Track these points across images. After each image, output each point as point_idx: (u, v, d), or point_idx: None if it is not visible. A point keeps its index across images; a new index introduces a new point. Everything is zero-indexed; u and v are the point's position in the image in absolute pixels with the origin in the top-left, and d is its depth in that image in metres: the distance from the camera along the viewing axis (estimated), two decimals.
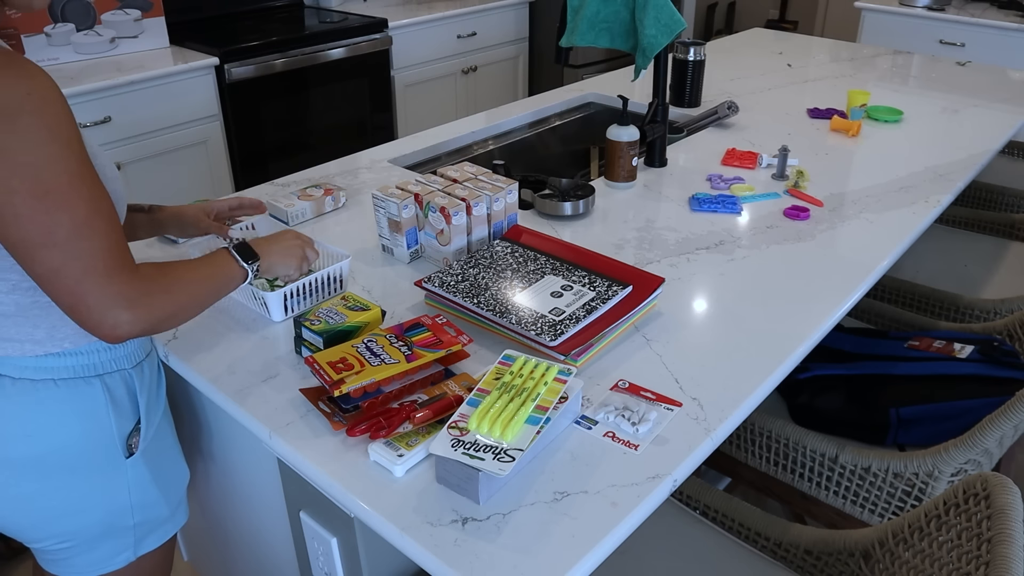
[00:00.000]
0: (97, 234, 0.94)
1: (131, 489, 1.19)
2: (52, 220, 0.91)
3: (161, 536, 1.27)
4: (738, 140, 2.07)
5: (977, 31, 3.54)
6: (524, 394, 1.02)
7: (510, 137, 2.27)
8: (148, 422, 1.19)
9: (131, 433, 1.17)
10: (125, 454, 1.16)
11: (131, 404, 1.16)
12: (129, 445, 1.17)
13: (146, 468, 1.20)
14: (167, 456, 1.26)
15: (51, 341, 1.07)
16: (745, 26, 4.52)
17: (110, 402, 1.13)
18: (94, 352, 1.11)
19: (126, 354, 1.15)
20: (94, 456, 1.14)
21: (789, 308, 1.35)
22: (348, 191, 1.78)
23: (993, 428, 1.30)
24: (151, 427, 1.20)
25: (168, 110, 2.77)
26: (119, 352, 1.14)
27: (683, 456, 1.03)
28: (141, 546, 1.25)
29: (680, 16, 1.77)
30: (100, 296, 0.94)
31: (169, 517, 1.28)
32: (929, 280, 2.08)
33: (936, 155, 1.97)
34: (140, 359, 1.18)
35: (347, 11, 3.54)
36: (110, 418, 1.13)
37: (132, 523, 1.21)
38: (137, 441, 1.18)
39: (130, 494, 1.19)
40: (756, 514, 1.37)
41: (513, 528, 0.93)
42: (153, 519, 1.24)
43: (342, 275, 1.37)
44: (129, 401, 1.16)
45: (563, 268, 1.35)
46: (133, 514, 1.21)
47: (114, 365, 1.13)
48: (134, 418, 1.17)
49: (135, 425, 1.17)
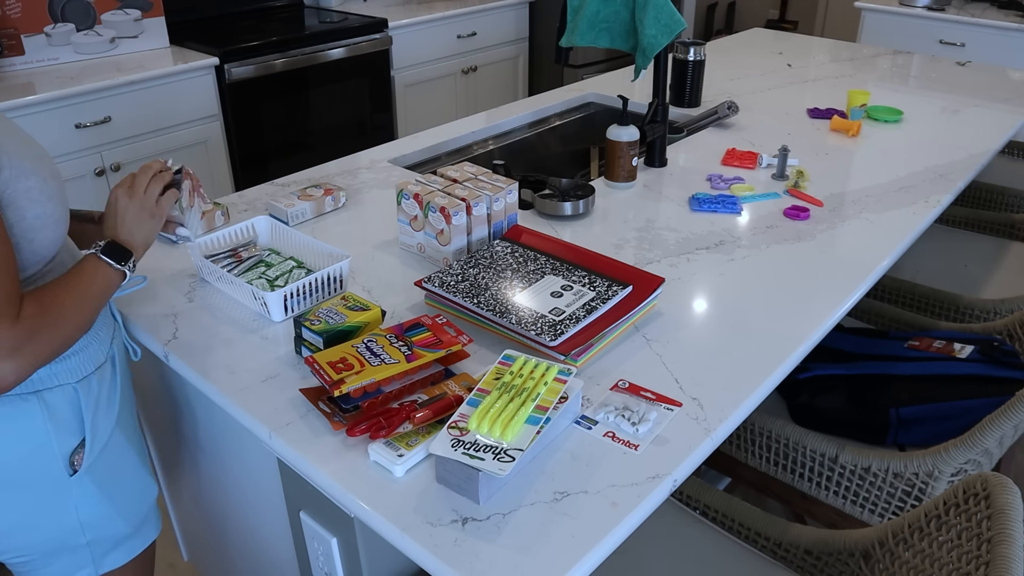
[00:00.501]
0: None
1: (79, 507, 1.16)
2: None
3: (126, 553, 1.25)
4: (738, 140, 2.07)
5: (977, 31, 3.54)
6: (524, 394, 1.02)
7: (510, 137, 2.27)
8: (94, 439, 1.15)
9: (76, 450, 1.13)
10: (69, 472, 1.13)
11: (75, 420, 1.13)
12: (72, 462, 1.13)
13: (94, 486, 1.17)
14: (123, 472, 1.22)
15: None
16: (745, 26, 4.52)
17: (48, 419, 1.09)
18: None
19: (68, 369, 1.11)
20: (35, 474, 1.11)
21: (789, 308, 1.35)
22: (348, 191, 1.78)
23: (993, 428, 1.30)
24: (98, 443, 1.16)
25: (168, 110, 2.77)
26: (59, 367, 1.10)
27: (683, 456, 1.03)
28: (103, 563, 1.22)
29: (680, 16, 1.77)
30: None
31: (132, 534, 1.25)
32: (929, 280, 2.08)
33: (936, 155, 1.97)
34: (87, 372, 1.14)
35: (347, 11, 3.54)
36: (49, 436, 1.10)
37: (85, 541, 1.19)
38: (81, 458, 1.14)
39: (78, 512, 1.16)
40: (756, 514, 1.37)
41: (513, 528, 0.93)
42: (110, 537, 1.22)
43: (342, 275, 1.37)
44: (73, 417, 1.12)
45: (563, 268, 1.35)
46: (84, 532, 1.18)
47: (54, 380, 1.10)
48: (79, 435, 1.13)
49: (80, 442, 1.14)
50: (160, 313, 1.34)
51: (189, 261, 1.49)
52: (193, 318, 1.33)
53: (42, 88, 2.51)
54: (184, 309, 1.35)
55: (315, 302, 1.35)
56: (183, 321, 1.32)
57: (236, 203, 1.73)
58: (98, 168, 2.65)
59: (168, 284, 1.42)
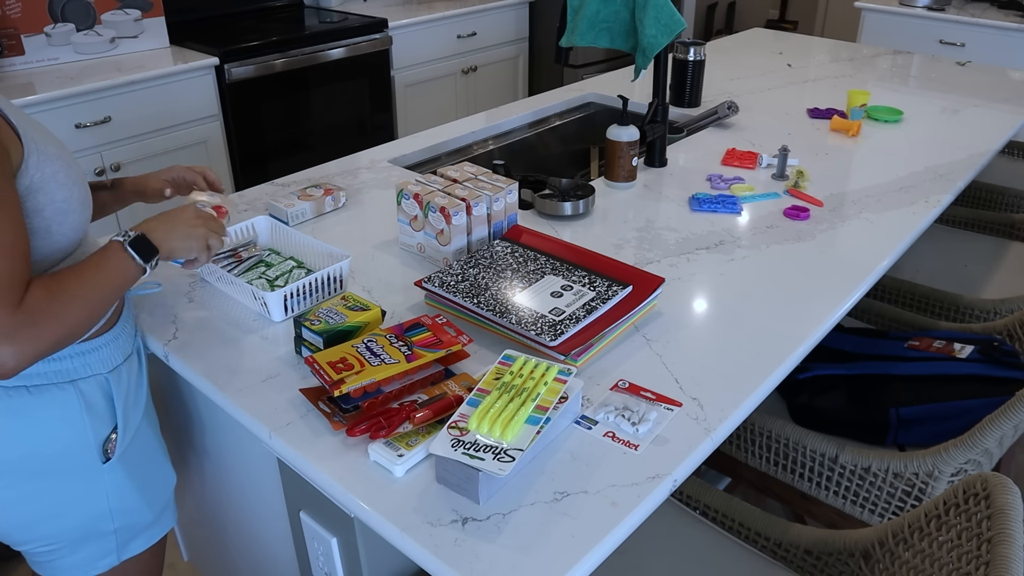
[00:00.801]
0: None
1: (109, 494, 1.18)
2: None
3: (146, 540, 1.27)
4: (738, 140, 2.07)
5: (977, 31, 3.54)
6: (524, 394, 1.02)
7: (510, 137, 2.27)
8: (125, 427, 1.18)
9: (108, 438, 1.16)
10: (102, 459, 1.16)
11: (108, 409, 1.16)
12: (105, 450, 1.16)
13: (125, 473, 1.19)
14: (149, 460, 1.25)
15: None
16: (745, 26, 4.52)
17: (84, 407, 1.12)
18: (67, 358, 1.10)
19: (100, 359, 1.14)
20: (70, 461, 1.13)
21: (789, 308, 1.35)
22: (348, 191, 1.78)
23: (993, 428, 1.30)
24: (129, 432, 1.19)
25: (168, 110, 2.78)
26: (92, 358, 1.13)
27: (683, 456, 1.03)
28: (125, 550, 1.24)
29: (680, 16, 1.77)
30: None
31: (153, 522, 1.27)
32: (929, 280, 2.08)
33: (936, 155, 1.97)
34: (117, 363, 1.17)
35: (347, 11, 3.54)
36: (85, 423, 1.13)
37: (113, 528, 1.21)
38: (114, 446, 1.17)
39: (108, 499, 1.18)
40: (756, 514, 1.37)
41: (513, 528, 0.93)
42: (135, 524, 1.24)
43: (342, 275, 1.37)
44: (106, 406, 1.15)
45: (563, 268, 1.35)
46: (113, 519, 1.20)
47: (88, 370, 1.13)
48: (111, 423, 1.16)
49: (112, 430, 1.16)
50: (160, 313, 1.34)
51: None
52: (193, 318, 1.33)
53: (42, 88, 2.51)
54: (184, 309, 1.35)
55: (315, 302, 1.35)
56: (183, 321, 1.32)
57: (236, 203, 1.73)
58: (98, 168, 2.65)
59: (168, 284, 1.42)
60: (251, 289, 1.31)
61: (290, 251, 1.48)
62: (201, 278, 1.44)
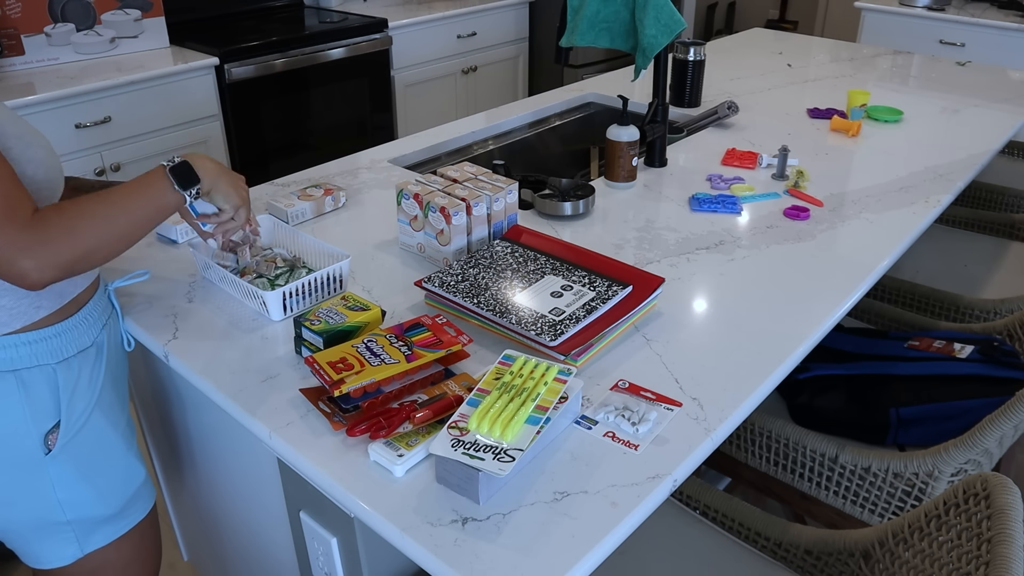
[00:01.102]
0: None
1: (55, 486, 1.17)
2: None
3: (111, 533, 1.26)
4: (738, 140, 2.07)
5: (977, 31, 3.54)
6: (524, 394, 1.02)
7: (510, 137, 2.27)
8: (69, 420, 1.16)
9: (51, 430, 1.14)
10: (44, 451, 1.14)
11: (52, 400, 1.14)
12: (47, 442, 1.14)
13: (71, 466, 1.18)
14: (104, 454, 1.23)
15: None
16: (745, 26, 4.52)
17: (24, 398, 1.10)
18: (10, 347, 1.09)
19: (49, 349, 1.12)
20: (11, 451, 1.12)
21: (789, 308, 1.35)
22: (348, 191, 1.78)
23: (993, 428, 1.30)
24: (73, 425, 1.17)
25: (168, 110, 2.78)
26: (40, 347, 1.11)
27: (683, 456, 1.03)
28: (88, 542, 1.23)
29: (680, 16, 1.77)
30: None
31: (115, 515, 1.25)
32: (929, 280, 2.08)
33: (936, 155, 1.97)
34: (68, 355, 1.15)
35: (347, 11, 3.54)
36: (25, 414, 1.11)
37: (65, 519, 1.20)
38: (55, 439, 1.15)
39: (55, 490, 1.17)
40: (756, 514, 1.37)
41: (513, 528, 0.93)
42: (91, 517, 1.22)
43: (342, 275, 1.37)
44: (50, 397, 1.13)
45: (563, 268, 1.35)
46: (64, 510, 1.19)
47: (33, 360, 1.11)
48: (56, 415, 1.15)
49: (56, 423, 1.15)
50: (160, 313, 1.34)
51: (188, 261, 1.49)
52: (193, 318, 1.33)
53: (42, 88, 2.51)
54: (184, 309, 1.35)
55: (315, 302, 1.35)
56: (183, 321, 1.32)
57: None
58: (98, 168, 2.65)
59: (168, 284, 1.42)
60: (250, 288, 1.31)
61: (291, 250, 1.48)
62: (203, 276, 1.44)
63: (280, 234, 1.50)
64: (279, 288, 1.30)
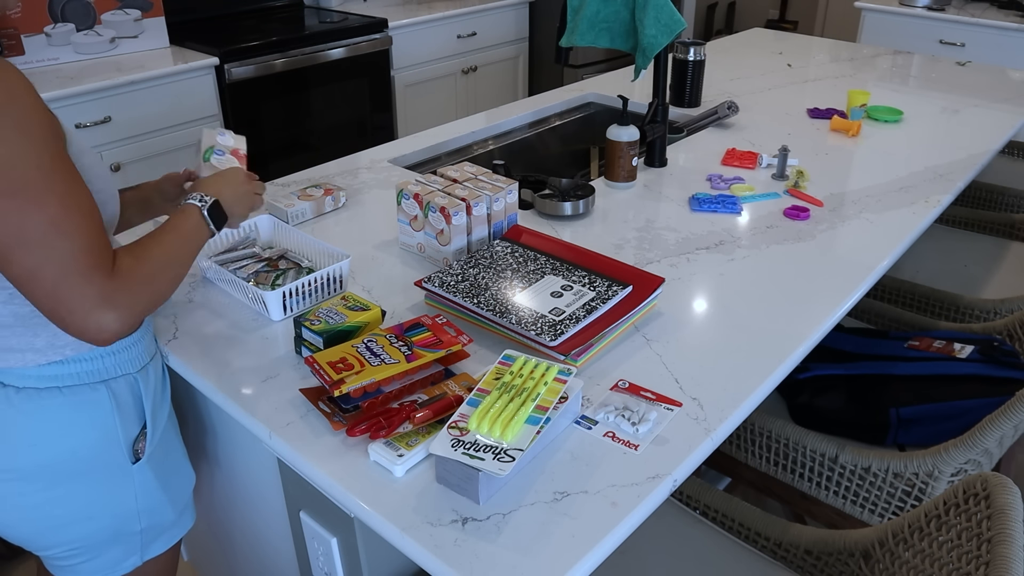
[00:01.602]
0: (73, 232, 0.91)
1: (138, 495, 1.18)
2: (24, 219, 0.88)
3: (168, 540, 1.27)
4: (738, 140, 2.07)
5: (977, 31, 3.54)
6: (524, 394, 1.02)
7: (510, 137, 2.27)
8: (154, 427, 1.18)
9: (137, 438, 1.16)
10: (131, 460, 1.16)
11: (136, 409, 1.15)
12: (135, 451, 1.16)
13: (152, 473, 1.19)
14: (172, 460, 1.25)
15: (52, 350, 1.06)
16: (745, 26, 4.52)
17: (115, 408, 1.12)
18: (98, 358, 1.10)
19: (130, 358, 1.14)
20: (101, 463, 1.13)
21: (789, 308, 1.35)
22: (348, 191, 1.78)
23: (993, 428, 1.30)
24: (157, 432, 1.19)
25: (168, 110, 2.77)
26: (123, 357, 1.13)
27: (683, 456, 1.03)
28: (148, 551, 1.24)
29: (680, 16, 1.77)
30: (80, 298, 0.91)
31: (175, 521, 1.27)
32: (929, 280, 2.08)
33: (936, 155, 1.97)
34: (145, 363, 1.17)
35: (347, 11, 3.54)
36: (116, 424, 1.12)
37: (139, 528, 1.21)
38: (143, 446, 1.17)
39: (137, 500, 1.18)
40: (756, 514, 1.37)
41: (513, 528, 0.93)
42: (159, 524, 1.24)
43: (342, 275, 1.37)
44: (134, 406, 1.15)
45: (563, 268, 1.35)
46: (140, 519, 1.20)
47: (119, 370, 1.12)
48: (139, 423, 1.16)
49: (141, 430, 1.16)
50: (160, 313, 1.34)
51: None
52: (193, 318, 1.33)
53: (42, 88, 2.51)
54: (184, 309, 1.35)
55: (315, 302, 1.35)
56: (183, 321, 1.32)
57: None
58: None
59: None
60: (250, 288, 1.31)
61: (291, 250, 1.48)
62: (203, 276, 1.44)
63: (280, 234, 1.50)
64: (279, 288, 1.30)
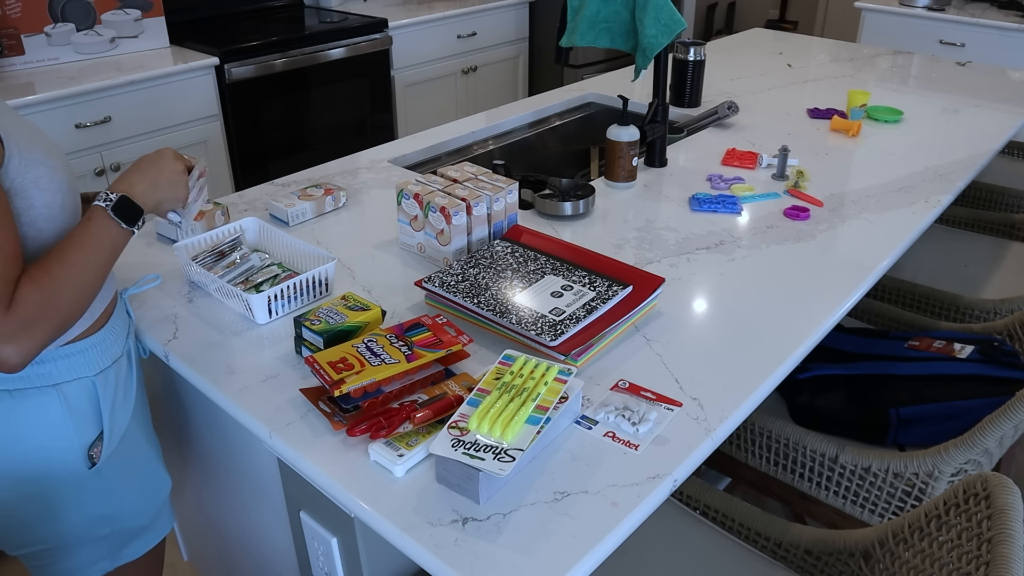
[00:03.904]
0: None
1: (98, 500, 1.16)
2: None
3: (142, 546, 1.25)
4: (738, 140, 2.07)
5: (977, 31, 3.54)
6: (524, 394, 1.02)
7: (510, 137, 2.27)
8: (111, 432, 1.15)
9: (93, 443, 1.13)
10: (87, 465, 1.13)
11: (94, 413, 1.13)
12: (91, 456, 1.13)
13: (113, 478, 1.17)
14: (139, 465, 1.23)
15: None
16: (745, 26, 4.52)
17: (67, 412, 1.09)
18: (49, 361, 1.07)
19: (86, 362, 1.11)
20: (55, 466, 1.11)
21: (789, 308, 1.35)
22: (348, 191, 1.78)
23: (993, 428, 1.30)
24: (115, 437, 1.16)
25: (168, 110, 2.77)
26: (77, 360, 1.10)
27: (683, 456, 1.03)
28: (119, 556, 1.22)
29: (680, 16, 1.77)
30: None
31: (147, 526, 1.25)
32: (929, 280, 2.08)
33: (936, 155, 1.97)
34: (104, 366, 1.14)
35: (347, 11, 3.54)
36: (68, 429, 1.10)
37: (104, 533, 1.19)
38: (100, 452, 1.14)
39: (97, 504, 1.16)
40: (756, 514, 1.37)
41: (513, 528, 0.93)
42: (127, 529, 1.22)
43: (327, 278, 1.36)
44: (91, 410, 1.12)
45: (563, 268, 1.35)
46: (104, 524, 1.18)
47: (72, 374, 1.09)
48: (97, 428, 1.13)
49: (98, 435, 1.14)
50: (160, 313, 1.34)
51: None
52: (193, 318, 1.33)
53: (42, 88, 2.51)
54: (184, 309, 1.35)
55: (299, 305, 1.35)
56: (183, 321, 1.32)
57: (236, 203, 1.73)
58: (98, 168, 2.64)
59: (168, 284, 1.42)
60: (235, 291, 1.30)
61: (277, 253, 1.47)
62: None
63: (265, 236, 1.49)
64: (263, 292, 1.29)
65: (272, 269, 1.42)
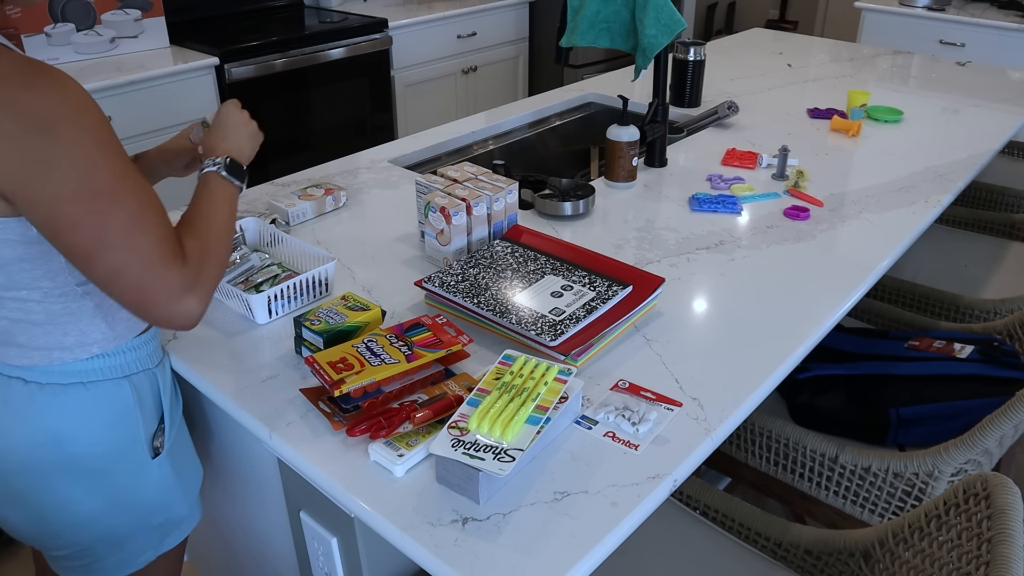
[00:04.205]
0: (150, 227, 0.95)
1: (157, 489, 1.18)
2: (105, 221, 0.92)
3: (180, 534, 1.27)
4: (738, 140, 2.07)
5: (977, 31, 3.54)
6: (524, 394, 1.02)
7: (510, 137, 2.27)
8: (171, 421, 1.19)
9: (156, 433, 1.16)
10: (152, 454, 1.16)
11: (155, 403, 1.16)
12: (155, 446, 1.16)
13: (170, 467, 1.20)
14: (186, 455, 1.26)
15: (80, 347, 1.06)
16: (745, 26, 4.52)
17: (137, 403, 1.12)
18: (122, 353, 1.10)
19: (149, 353, 1.15)
20: (122, 458, 1.13)
21: (789, 308, 1.35)
22: (348, 191, 1.78)
23: (993, 428, 1.30)
24: (174, 425, 1.20)
25: (168, 110, 2.77)
26: (143, 352, 1.13)
27: (683, 456, 1.03)
28: (162, 545, 1.24)
29: (680, 16, 1.77)
30: (164, 288, 0.95)
31: (187, 515, 1.27)
32: (929, 280, 2.08)
33: (936, 155, 1.97)
34: (161, 357, 1.18)
35: (347, 11, 3.54)
36: (138, 419, 1.13)
37: (157, 523, 1.21)
38: (162, 441, 1.17)
39: (155, 494, 1.19)
40: (756, 514, 1.37)
41: (513, 528, 0.93)
42: (174, 518, 1.24)
43: (327, 278, 1.37)
44: (153, 401, 1.16)
45: (563, 268, 1.35)
46: (158, 513, 1.20)
47: (140, 365, 1.13)
48: (157, 418, 1.17)
49: (159, 425, 1.17)
50: None
51: None
52: None
53: None
54: None
55: (299, 305, 1.35)
56: None
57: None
58: None
59: None
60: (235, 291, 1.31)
61: (277, 253, 1.47)
62: None
63: (265, 236, 1.49)
64: (263, 292, 1.29)
65: (272, 269, 1.42)
